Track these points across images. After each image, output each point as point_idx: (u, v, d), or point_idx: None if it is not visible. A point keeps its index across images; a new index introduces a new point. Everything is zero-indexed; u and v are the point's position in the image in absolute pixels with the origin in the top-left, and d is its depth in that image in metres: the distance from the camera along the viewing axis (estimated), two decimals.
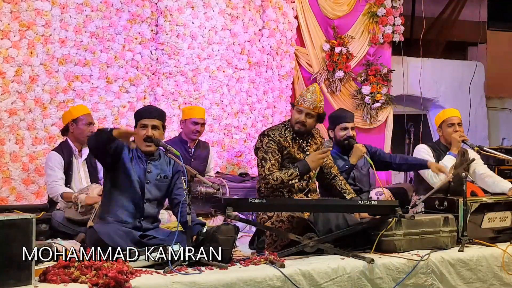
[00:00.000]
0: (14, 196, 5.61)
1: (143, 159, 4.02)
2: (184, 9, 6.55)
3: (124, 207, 3.90)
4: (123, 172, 3.93)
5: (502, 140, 9.19)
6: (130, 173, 3.93)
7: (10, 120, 5.65)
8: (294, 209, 4.11)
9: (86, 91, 6.06)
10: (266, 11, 7.12)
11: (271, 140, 4.34)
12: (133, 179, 3.94)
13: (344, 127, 5.09)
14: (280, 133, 4.40)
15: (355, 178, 5.10)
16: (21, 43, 5.72)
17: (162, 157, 4.10)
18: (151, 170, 4.02)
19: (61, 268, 3.22)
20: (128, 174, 3.93)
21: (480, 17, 9.21)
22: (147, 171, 4.00)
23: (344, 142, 5.06)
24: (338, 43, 7.57)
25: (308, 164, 4.24)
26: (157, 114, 4.10)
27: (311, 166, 4.25)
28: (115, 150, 3.90)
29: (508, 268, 4.34)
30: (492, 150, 5.31)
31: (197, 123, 5.82)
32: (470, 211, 4.48)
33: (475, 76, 8.94)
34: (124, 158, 3.94)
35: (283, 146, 4.35)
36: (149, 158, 4.04)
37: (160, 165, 4.07)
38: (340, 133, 5.10)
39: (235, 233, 3.74)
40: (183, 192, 4.07)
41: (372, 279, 3.85)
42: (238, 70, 6.96)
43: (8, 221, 3.09)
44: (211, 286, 3.34)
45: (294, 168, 4.25)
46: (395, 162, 5.15)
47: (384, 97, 7.78)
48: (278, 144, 4.34)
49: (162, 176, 4.05)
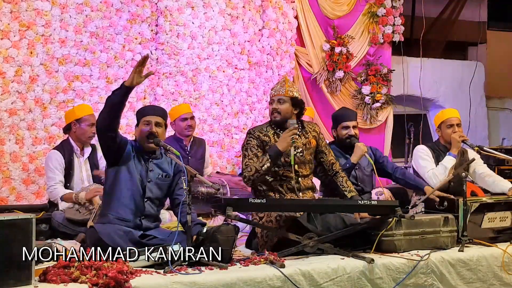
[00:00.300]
0: (14, 196, 5.61)
1: (145, 157, 4.02)
2: (184, 9, 6.55)
3: (125, 205, 3.90)
4: (125, 168, 3.93)
5: (502, 140, 9.19)
6: (132, 170, 3.94)
7: (10, 120, 5.65)
8: (294, 209, 4.11)
9: (86, 91, 6.06)
10: (266, 11, 7.12)
11: (251, 137, 4.36)
12: (134, 177, 3.94)
13: (346, 125, 5.09)
14: (260, 129, 4.41)
15: (358, 178, 5.09)
16: (21, 43, 5.72)
17: (163, 156, 4.11)
18: (153, 169, 4.02)
19: (61, 268, 3.22)
20: (130, 171, 3.93)
21: (480, 17, 9.21)
22: (149, 170, 4.00)
23: (346, 141, 5.05)
24: (338, 43, 7.57)
25: (277, 145, 4.20)
26: (161, 112, 4.14)
27: (279, 147, 4.17)
28: (119, 144, 3.89)
29: (508, 268, 4.34)
30: (492, 150, 5.30)
31: (186, 118, 5.79)
32: (470, 211, 4.48)
33: (475, 76, 8.94)
34: (126, 153, 3.95)
35: (263, 141, 4.33)
36: (151, 156, 4.04)
37: (162, 164, 4.07)
38: (342, 132, 5.10)
39: (235, 233, 3.74)
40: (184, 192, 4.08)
41: (372, 279, 3.85)
42: (238, 70, 6.96)
43: (8, 221, 3.09)
44: (211, 286, 3.34)
45: (265, 154, 4.23)
46: (395, 175, 5.13)
47: (384, 97, 7.78)
48: (258, 139, 4.33)
49: (164, 176, 4.06)
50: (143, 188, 3.97)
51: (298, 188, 4.33)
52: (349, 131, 5.06)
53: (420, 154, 5.22)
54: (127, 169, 3.94)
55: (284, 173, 4.30)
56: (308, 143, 4.43)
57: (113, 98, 3.76)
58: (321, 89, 7.60)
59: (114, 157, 3.94)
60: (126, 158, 3.95)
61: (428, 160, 5.17)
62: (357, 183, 5.06)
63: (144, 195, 3.97)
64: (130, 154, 3.97)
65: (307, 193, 4.39)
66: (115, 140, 3.85)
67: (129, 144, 3.99)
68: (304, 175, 4.38)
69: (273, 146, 4.23)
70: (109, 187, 3.99)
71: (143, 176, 3.98)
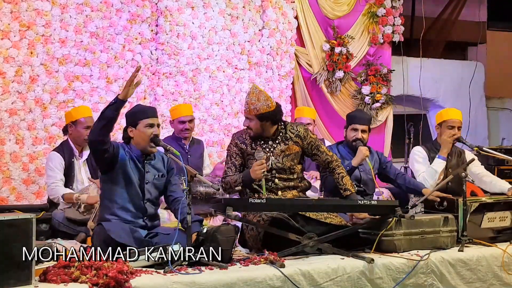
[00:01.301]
0: (14, 196, 5.62)
1: (139, 159, 3.98)
2: (184, 9, 6.55)
3: (126, 209, 3.89)
4: (121, 174, 3.90)
5: (502, 140, 9.19)
6: (129, 174, 3.91)
7: (10, 120, 5.66)
8: (294, 209, 4.10)
9: (86, 91, 6.06)
10: (266, 11, 7.12)
11: (232, 143, 4.40)
12: (132, 181, 3.92)
13: (354, 128, 5.07)
14: (239, 135, 4.41)
15: (361, 180, 5.08)
16: (21, 43, 5.73)
17: (156, 156, 4.07)
18: (149, 170, 4.00)
19: (61, 268, 3.22)
20: (127, 176, 3.90)
21: (480, 17, 9.22)
22: (145, 172, 3.98)
23: (352, 143, 5.05)
24: (338, 43, 7.57)
25: (250, 174, 4.19)
26: (157, 113, 4.11)
27: (252, 176, 4.18)
28: (113, 153, 3.85)
29: (508, 268, 4.34)
30: (491, 150, 5.30)
31: (184, 122, 5.74)
32: (470, 211, 4.48)
33: (475, 76, 8.94)
34: (121, 159, 3.90)
35: (241, 149, 4.35)
36: (146, 158, 4.01)
37: (156, 164, 4.05)
38: (350, 134, 5.08)
39: (235, 233, 3.74)
40: (178, 188, 4.08)
41: (372, 279, 3.85)
42: (238, 70, 6.96)
43: (8, 221, 3.08)
44: (211, 286, 3.34)
45: (239, 175, 4.25)
46: (397, 181, 5.12)
47: (384, 97, 7.79)
48: (236, 146, 4.36)
49: (160, 176, 4.04)
50: (142, 191, 3.95)
51: (276, 188, 4.31)
52: (357, 134, 5.04)
53: (415, 157, 5.23)
54: (123, 174, 3.90)
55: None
56: (288, 149, 4.35)
57: (109, 113, 3.71)
58: (321, 89, 7.61)
59: (108, 164, 3.89)
60: (121, 164, 3.89)
61: (421, 163, 5.16)
62: (359, 185, 5.05)
63: (144, 197, 3.96)
64: (125, 159, 3.92)
65: (288, 192, 4.34)
66: (108, 150, 3.81)
67: (121, 149, 3.93)
68: (283, 178, 4.34)
69: (246, 173, 4.21)
70: (107, 194, 3.94)
71: (140, 179, 3.95)
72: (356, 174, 4.99)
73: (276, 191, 4.30)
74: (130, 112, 4.10)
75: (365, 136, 5.07)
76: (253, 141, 4.35)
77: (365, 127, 5.09)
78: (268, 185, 4.28)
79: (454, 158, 5.21)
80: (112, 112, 3.72)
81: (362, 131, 5.04)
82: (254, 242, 4.11)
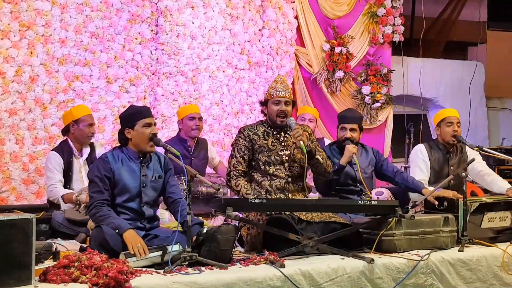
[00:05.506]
0: (14, 196, 5.61)
1: (135, 162, 3.93)
2: (184, 9, 6.55)
3: (124, 213, 3.86)
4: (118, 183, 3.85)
5: (502, 140, 9.19)
6: (125, 181, 3.86)
7: (10, 120, 5.65)
8: (294, 209, 4.11)
9: (86, 91, 6.06)
10: (266, 11, 7.12)
11: (240, 136, 4.37)
12: (129, 187, 3.87)
13: (343, 127, 5.10)
14: (251, 127, 4.42)
15: (357, 179, 5.08)
16: (21, 43, 5.72)
17: (152, 157, 4.03)
18: (146, 173, 3.94)
19: (61, 268, 3.22)
20: (124, 183, 3.86)
21: (480, 17, 9.22)
22: (142, 175, 3.92)
23: (342, 143, 5.06)
24: (338, 43, 7.57)
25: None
26: (151, 112, 4.08)
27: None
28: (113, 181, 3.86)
29: (508, 268, 4.34)
30: (492, 150, 5.31)
31: (194, 118, 5.74)
32: (470, 211, 4.48)
33: (475, 76, 8.94)
34: (115, 171, 3.85)
35: (252, 140, 4.33)
36: (142, 160, 3.95)
37: (153, 165, 4.00)
38: (339, 133, 5.12)
39: (235, 233, 3.74)
40: (177, 189, 4.05)
41: (372, 279, 3.85)
42: (238, 70, 6.96)
43: (8, 221, 3.08)
44: (211, 286, 3.34)
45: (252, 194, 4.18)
46: (395, 179, 5.10)
47: (384, 97, 7.79)
48: (247, 138, 4.33)
49: (157, 177, 3.99)
50: (139, 194, 3.91)
51: (287, 189, 4.31)
52: (345, 134, 5.06)
53: (417, 160, 5.22)
54: (119, 183, 3.86)
55: (275, 172, 4.31)
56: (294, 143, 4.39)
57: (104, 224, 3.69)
58: (321, 89, 7.61)
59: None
60: (116, 174, 3.85)
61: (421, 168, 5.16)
62: (355, 184, 5.06)
63: (141, 200, 3.92)
64: (118, 169, 3.86)
65: (297, 195, 4.35)
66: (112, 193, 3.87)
67: (112, 163, 3.86)
68: (295, 176, 4.35)
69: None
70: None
71: (137, 183, 3.90)
72: (351, 173, 5.01)
73: (287, 193, 4.31)
74: (125, 114, 4.02)
75: (355, 135, 5.07)
76: (265, 132, 4.38)
77: (354, 125, 5.09)
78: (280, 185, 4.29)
79: (456, 155, 5.23)
80: (107, 228, 3.67)
81: (350, 130, 5.05)
82: (254, 242, 4.12)
